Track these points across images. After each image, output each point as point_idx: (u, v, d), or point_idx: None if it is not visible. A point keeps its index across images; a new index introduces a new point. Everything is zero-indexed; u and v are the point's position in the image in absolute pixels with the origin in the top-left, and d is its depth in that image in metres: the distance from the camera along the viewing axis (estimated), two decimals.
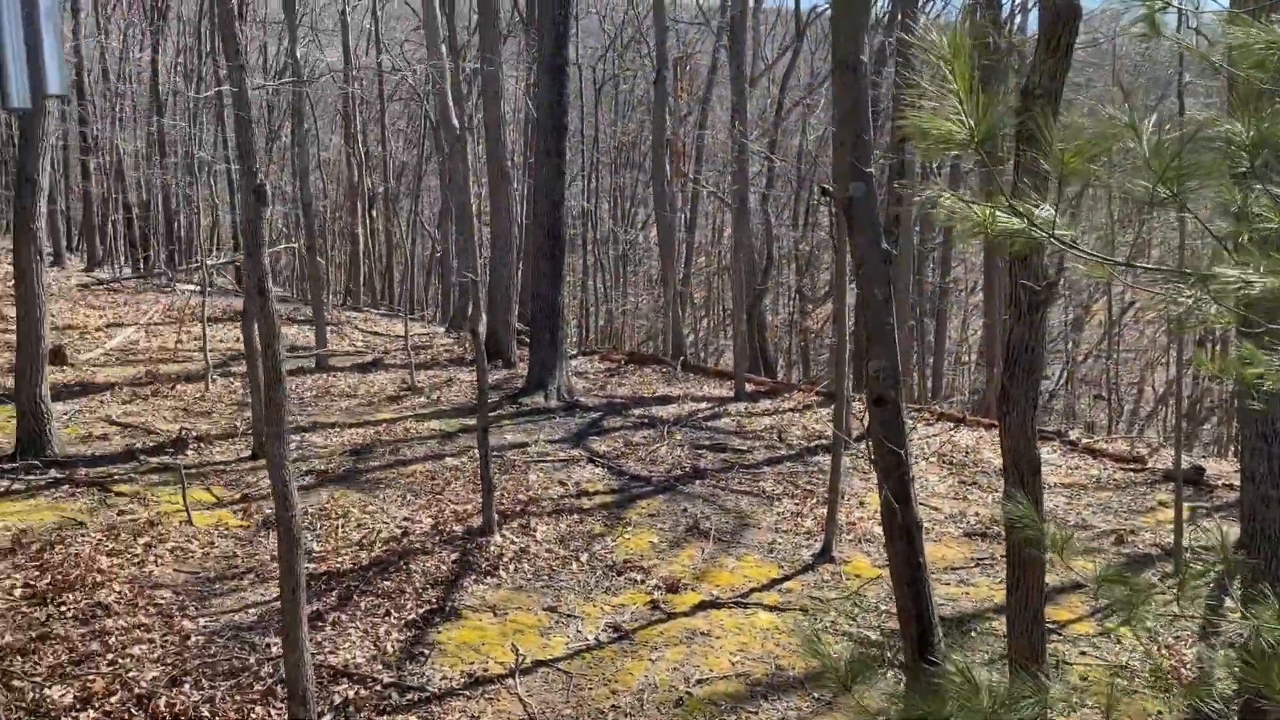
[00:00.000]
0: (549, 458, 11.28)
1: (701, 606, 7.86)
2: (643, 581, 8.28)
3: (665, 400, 14.21)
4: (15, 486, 9.49)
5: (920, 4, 17.29)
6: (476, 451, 9.31)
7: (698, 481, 10.72)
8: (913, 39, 1.68)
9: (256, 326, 5.78)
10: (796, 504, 10.21)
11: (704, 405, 14.12)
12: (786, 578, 8.52)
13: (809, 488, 10.66)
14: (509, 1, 24.82)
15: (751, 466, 11.34)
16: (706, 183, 25.01)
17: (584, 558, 8.65)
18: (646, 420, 13.01)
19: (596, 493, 10.29)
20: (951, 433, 13.16)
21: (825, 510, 9.23)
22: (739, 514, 9.89)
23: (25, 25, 0.80)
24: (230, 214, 26.76)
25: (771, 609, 7.90)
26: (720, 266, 27.67)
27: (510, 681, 6.68)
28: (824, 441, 11.96)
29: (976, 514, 10.11)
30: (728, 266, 22.24)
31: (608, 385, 15.21)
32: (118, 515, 9.07)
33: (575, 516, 9.57)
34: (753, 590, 8.24)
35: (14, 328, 10.64)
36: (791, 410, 14.16)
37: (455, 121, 15.49)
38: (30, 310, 10.02)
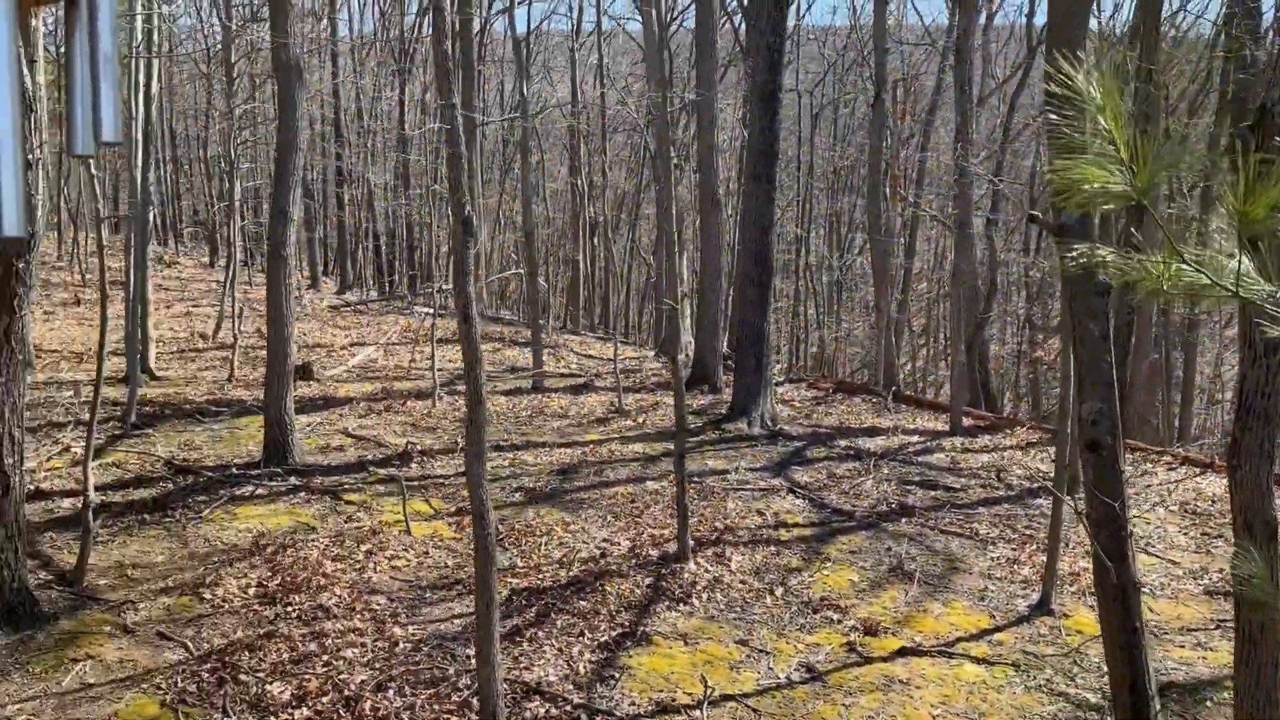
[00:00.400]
0: (748, 486, 11.17)
1: (901, 653, 7.50)
2: (839, 621, 8.01)
3: (874, 432, 13.76)
4: (259, 491, 10.42)
5: (1168, 14, 16.01)
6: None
7: (904, 519, 10.28)
8: (1055, 69, 1.49)
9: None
10: (1013, 549, 9.59)
11: (916, 439, 13.57)
12: (998, 629, 7.98)
13: (1028, 532, 9.99)
14: (730, 33, 25.10)
15: (964, 506, 10.76)
16: (929, 206, 24.18)
17: (779, 592, 8.48)
18: (852, 452, 12.64)
19: (795, 525, 10.08)
20: (1197, 479, 11.97)
21: (1045, 558, 8.61)
22: (948, 556, 9.40)
23: (90, 75, 0.84)
24: None
25: (979, 661, 7.42)
26: (940, 294, 26.62)
27: (697, 714, 6.61)
28: (1048, 483, 11.18)
29: (1220, 570, 9.11)
30: (948, 293, 21.36)
31: (814, 414, 14.93)
32: (345, 522, 9.76)
33: (772, 548, 9.41)
34: (959, 639, 7.77)
35: None
36: (1013, 448, 13.35)
37: (669, 151, 15.79)
38: (279, 329, 11.00)
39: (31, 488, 10.15)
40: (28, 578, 7.30)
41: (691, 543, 8.96)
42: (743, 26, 22.09)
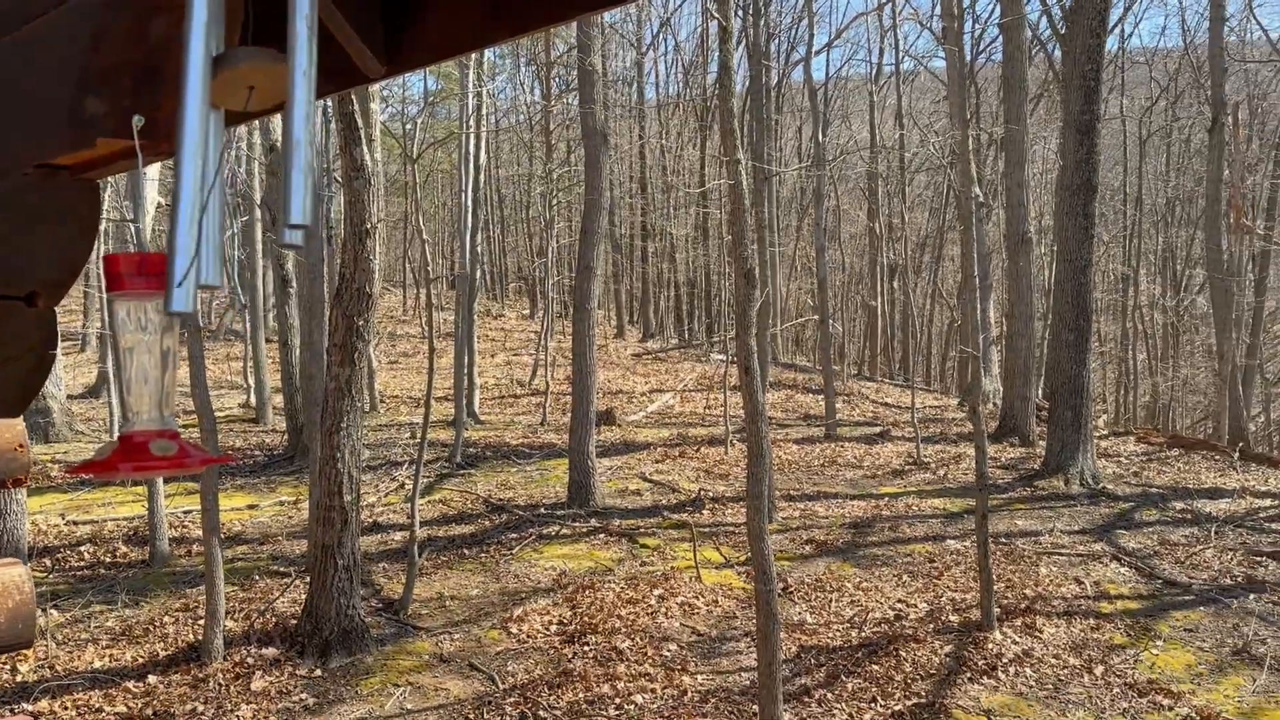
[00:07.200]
0: (1064, 550, 10.24)
1: None
2: (1170, 708, 7.07)
3: (1216, 494, 12.19)
4: (563, 531, 10.96)
5: None
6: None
7: (1252, 595, 8.97)
8: None
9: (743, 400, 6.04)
10: None
11: (1268, 503, 11.86)
12: None
13: None
14: (1042, 62, 23.75)
15: None
16: None
17: (1098, 670, 7.65)
18: (1189, 516, 11.25)
19: (1119, 596, 9.08)
20: None
21: None
22: None
23: (288, 161, 0.88)
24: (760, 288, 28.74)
25: None
26: None
27: None
28: None
29: None
30: None
31: (1143, 472, 13.47)
32: (640, 566, 10.01)
33: (1091, 621, 8.53)
34: None
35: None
36: None
37: (972, 189, 15.08)
38: (582, 378, 11.59)
39: (369, 521, 11.32)
40: (360, 605, 8.10)
41: (997, 610, 8.33)
42: (1057, 54, 20.78)
